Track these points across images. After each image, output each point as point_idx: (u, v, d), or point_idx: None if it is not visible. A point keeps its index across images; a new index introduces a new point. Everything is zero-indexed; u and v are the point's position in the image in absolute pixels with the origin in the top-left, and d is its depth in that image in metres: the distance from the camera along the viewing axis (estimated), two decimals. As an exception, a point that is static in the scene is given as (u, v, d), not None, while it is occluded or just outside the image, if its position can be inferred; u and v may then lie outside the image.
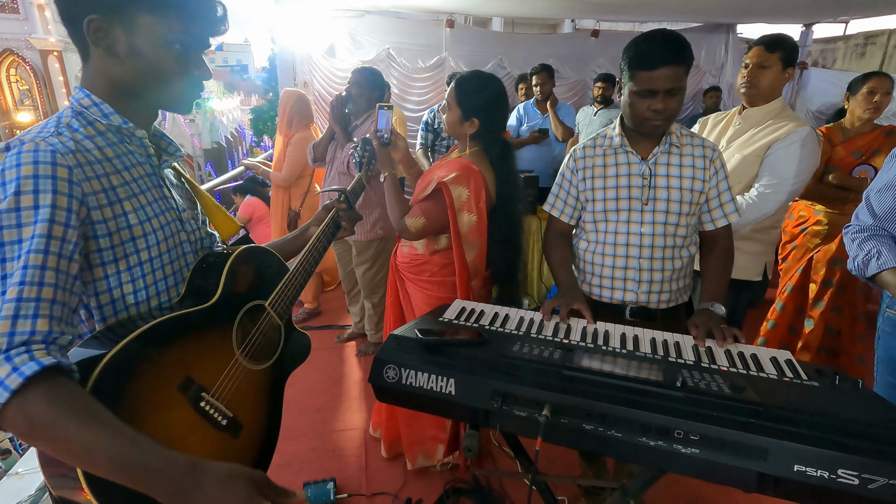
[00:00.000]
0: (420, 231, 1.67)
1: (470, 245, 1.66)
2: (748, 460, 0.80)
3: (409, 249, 1.84)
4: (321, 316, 3.53)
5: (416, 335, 1.04)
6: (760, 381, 0.96)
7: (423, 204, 1.66)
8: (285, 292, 1.03)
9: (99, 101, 0.80)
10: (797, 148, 1.74)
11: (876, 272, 1.23)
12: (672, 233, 1.35)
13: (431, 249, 1.78)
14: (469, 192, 1.58)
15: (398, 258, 1.91)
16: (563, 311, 1.25)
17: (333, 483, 1.90)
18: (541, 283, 3.51)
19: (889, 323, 1.38)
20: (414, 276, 1.84)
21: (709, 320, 1.18)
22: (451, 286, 1.77)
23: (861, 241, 1.30)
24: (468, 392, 0.95)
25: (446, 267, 1.77)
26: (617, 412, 0.87)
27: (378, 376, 1.02)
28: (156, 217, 0.85)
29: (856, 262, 1.29)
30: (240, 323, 0.93)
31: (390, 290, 1.96)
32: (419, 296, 1.85)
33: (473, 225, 1.62)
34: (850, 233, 1.37)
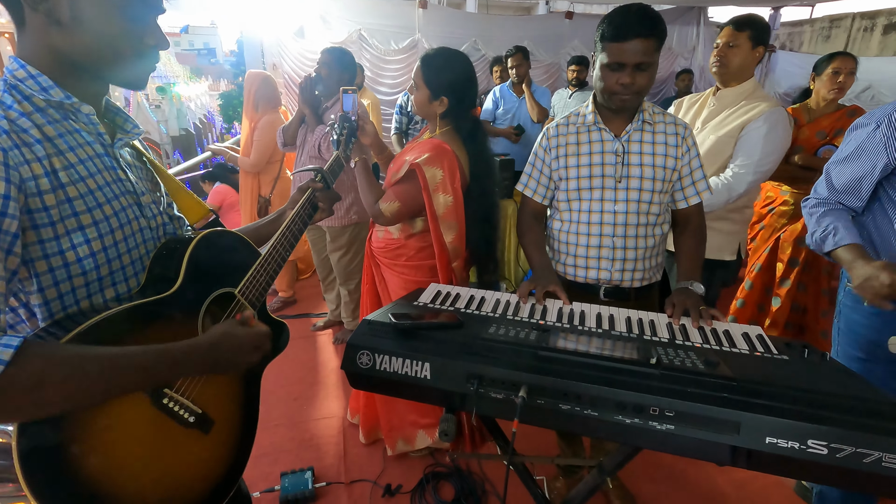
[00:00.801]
0: (395, 215, 1.63)
1: (447, 226, 1.63)
2: (721, 434, 0.81)
3: (385, 234, 1.81)
4: (296, 304, 3.46)
5: (389, 320, 1.02)
6: (733, 357, 0.97)
7: (396, 187, 1.62)
8: (257, 279, 0.97)
9: (36, 73, 0.72)
10: (769, 128, 1.78)
11: (832, 249, 1.25)
12: (645, 210, 1.35)
13: (407, 233, 1.75)
14: (443, 173, 1.55)
15: (373, 243, 1.87)
16: (538, 293, 1.24)
17: (311, 472, 1.87)
18: (517, 267, 3.52)
19: (850, 297, 1.41)
20: (390, 261, 1.81)
21: (687, 299, 1.18)
22: (428, 270, 1.74)
23: (819, 215, 1.32)
24: (443, 376, 0.94)
25: (423, 250, 1.75)
26: (593, 391, 0.86)
27: (351, 363, 0.99)
28: (108, 203, 0.77)
29: (814, 237, 1.31)
30: (207, 312, 0.87)
31: (366, 276, 1.93)
32: (396, 281, 1.82)
33: (450, 206, 1.59)
34: (808, 206, 1.39)
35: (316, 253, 2.89)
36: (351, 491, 1.84)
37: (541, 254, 1.42)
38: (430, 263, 1.73)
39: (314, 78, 2.40)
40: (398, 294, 1.80)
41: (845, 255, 1.22)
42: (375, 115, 3.83)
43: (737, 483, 1.87)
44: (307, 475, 1.85)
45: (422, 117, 1.68)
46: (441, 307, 1.18)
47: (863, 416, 0.78)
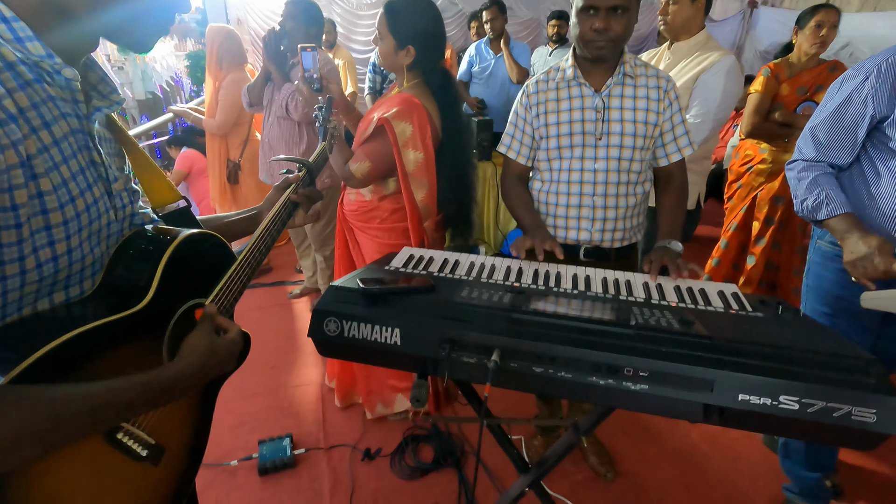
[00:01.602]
0: (366, 176, 1.56)
1: (418, 184, 1.57)
2: (695, 393, 0.80)
3: (357, 197, 1.74)
4: (272, 272, 3.39)
5: (357, 285, 0.97)
6: (708, 315, 0.96)
7: (366, 146, 1.55)
8: (231, 288, 0.84)
9: (11, 17, 0.55)
10: (722, 77, 1.82)
11: (825, 218, 1.24)
12: (626, 168, 1.31)
13: (380, 195, 1.69)
14: (413, 128, 1.48)
15: (345, 207, 1.81)
16: (539, 249, 1.20)
17: (290, 439, 1.86)
18: (497, 230, 3.49)
19: (819, 253, 1.42)
20: (363, 224, 1.75)
21: (664, 255, 1.16)
22: (403, 232, 1.69)
23: (809, 182, 1.30)
24: (415, 341, 0.90)
25: (397, 212, 1.69)
26: (566, 353, 0.84)
27: (318, 330, 0.95)
28: (81, 195, 0.62)
29: (804, 205, 1.29)
30: (174, 328, 0.74)
31: (339, 241, 1.87)
32: (370, 245, 1.77)
33: (420, 162, 1.53)
34: (794, 169, 1.37)
35: (289, 219, 2.80)
36: (330, 456, 1.84)
37: (531, 213, 1.38)
38: (405, 226, 1.68)
39: (279, 32, 2.25)
40: (373, 258, 1.75)
41: (839, 226, 1.20)
42: (351, 74, 3.67)
43: (708, 436, 1.93)
44: (285, 442, 1.84)
45: (388, 70, 1.59)
46: (413, 271, 1.14)
47: (833, 371, 0.78)
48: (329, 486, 1.71)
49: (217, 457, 1.82)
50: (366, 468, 1.79)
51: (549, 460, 1.19)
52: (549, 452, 1.20)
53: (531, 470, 1.23)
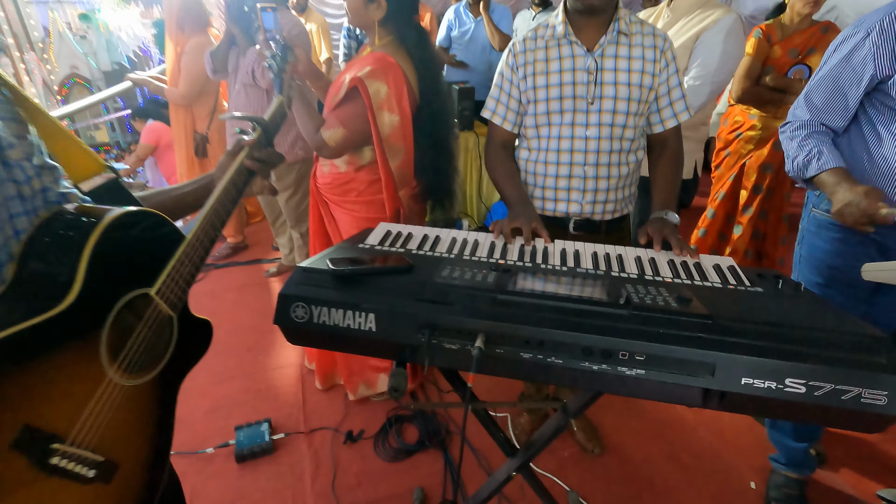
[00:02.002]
0: (341, 144, 1.45)
1: (394, 150, 1.47)
2: (695, 378, 0.74)
3: (330, 168, 1.63)
4: (247, 250, 3.27)
5: (327, 266, 0.88)
6: (706, 291, 0.90)
7: (338, 111, 1.43)
8: (180, 272, 0.75)
9: None
10: (723, 37, 1.72)
11: (816, 173, 1.18)
12: (619, 135, 1.22)
13: (356, 166, 1.58)
14: (388, 88, 1.37)
15: (318, 180, 1.70)
16: (526, 232, 1.11)
17: (268, 423, 1.80)
18: (480, 203, 3.40)
19: (814, 222, 1.37)
20: (338, 197, 1.65)
21: (663, 228, 1.09)
22: (381, 205, 1.60)
23: (801, 139, 1.24)
24: (391, 327, 0.82)
25: (374, 184, 1.59)
26: (556, 337, 0.77)
27: (285, 316, 0.86)
28: None
29: (795, 162, 1.23)
30: (113, 325, 0.65)
31: (313, 216, 1.76)
32: (347, 219, 1.67)
33: (396, 126, 1.42)
34: (787, 131, 1.30)
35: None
36: (311, 440, 1.78)
37: (517, 188, 1.28)
38: (384, 198, 1.58)
39: (242, -10, 2.08)
40: (350, 234, 1.65)
41: (829, 179, 1.15)
42: (325, 40, 3.47)
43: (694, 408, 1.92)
44: (264, 427, 1.77)
45: (359, 27, 1.46)
46: (390, 249, 1.05)
47: (841, 351, 0.73)
48: (310, 471, 1.66)
49: (192, 444, 1.75)
50: (348, 451, 1.74)
51: (536, 443, 1.14)
52: (537, 435, 1.15)
53: (518, 453, 1.18)
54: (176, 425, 0.76)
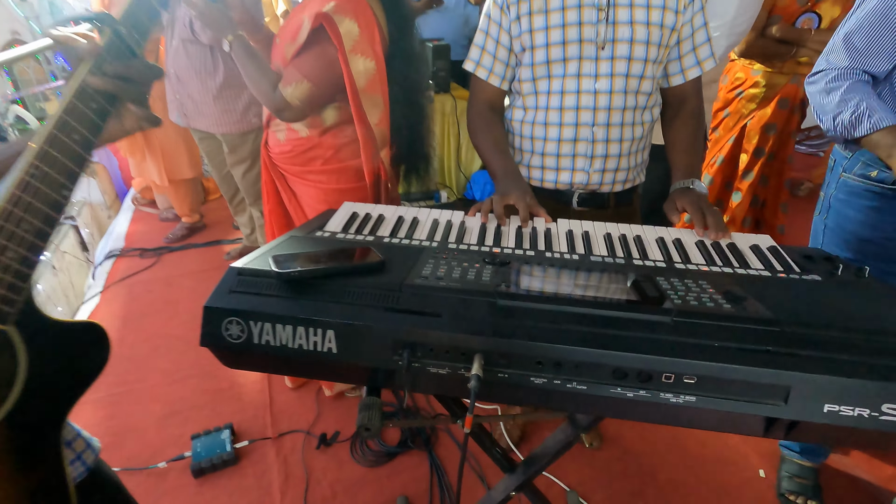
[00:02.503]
0: (307, 101, 1.22)
1: (372, 102, 1.25)
2: (763, 405, 0.56)
3: (288, 135, 1.38)
4: (205, 230, 2.98)
5: (269, 266, 0.66)
6: (753, 283, 0.72)
7: (299, 61, 1.18)
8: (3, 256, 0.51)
9: None
10: None
11: (868, 133, 1.01)
12: (634, 88, 1.01)
13: (319, 129, 1.34)
14: (359, 28, 1.13)
15: (272, 150, 1.44)
16: (522, 210, 0.91)
17: (230, 430, 1.59)
18: (459, 173, 3.17)
19: (845, 189, 1.20)
20: (300, 168, 1.41)
21: (699, 201, 0.91)
22: (354, 172, 1.38)
23: (843, 92, 1.06)
24: (358, 347, 0.62)
25: (344, 148, 1.36)
26: (578, 356, 0.58)
27: (214, 336, 0.64)
28: None
29: (838, 120, 1.05)
30: None
31: (268, 194, 1.52)
32: (311, 193, 1.43)
33: (372, 74, 1.20)
34: (820, 81, 1.11)
35: (215, 168, 2.37)
36: (279, 446, 1.59)
37: (505, 157, 1.06)
38: (356, 164, 1.36)
39: (171, -77, 1.74)
40: (318, 210, 1.42)
41: (885, 140, 0.98)
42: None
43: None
44: (224, 434, 1.57)
45: None
46: (356, 238, 0.83)
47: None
48: (279, 483, 1.47)
49: (142, 458, 1.54)
50: (322, 457, 1.56)
51: (540, 460, 0.97)
52: (541, 450, 0.98)
53: (518, 469, 1.01)
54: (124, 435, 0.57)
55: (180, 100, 2.03)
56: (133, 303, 2.30)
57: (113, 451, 1.56)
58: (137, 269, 2.55)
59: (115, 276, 2.52)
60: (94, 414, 1.71)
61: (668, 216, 0.96)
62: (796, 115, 2.05)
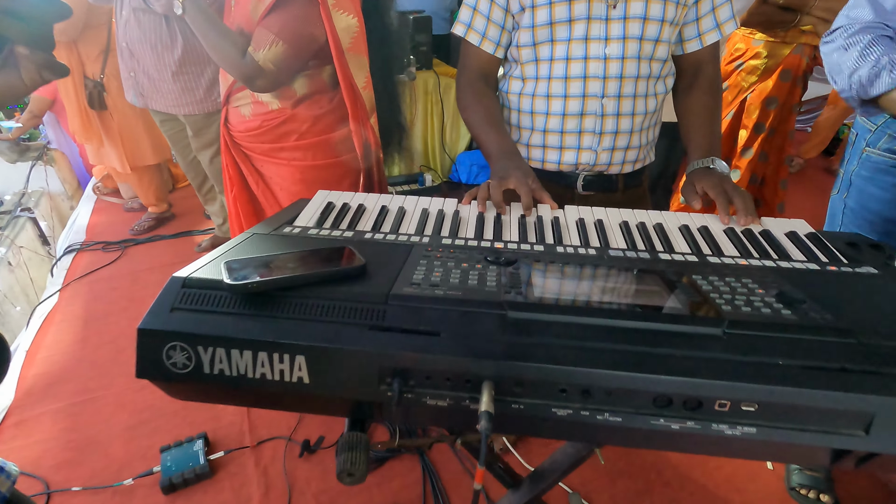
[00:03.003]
0: (283, 65, 1.10)
1: (358, 64, 1.17)
2: (838, 436, 0.46)
3: (255, 108, 1.24)
4: (174, 221, 2.79)
5: (222, 275, 0.53)
6: (801, 279, 0.61)
7: (270, 20, 1.06)
8: None
9: None
10: None
11: (888, 89, 0.90)
12: (649, 54, 0.88)
13: (292, 99, 1.22)
14: None
15: (234, 128, 1.30)
16: (525, 196, 0.78)
17: (203, 440, 1.46)
18: (444, 154, 3.02)
19: (868, 166, 1.11)
20: (271, 145, 1.27)
21: (723, 182, 0.80)
22: (331, 146, 1.26)
23: (863, 47, 0.95)
24: (335, 375, 0.50)
25: (322, 119, 1.24)
26: (610, 381, 0.47)
27: (152, 365, 0.51)
28: None
29: (855, 77, 0.95)
30: None
31: (230, 180, 1.37)
32: (285, 174, 1.30)
33: (356, 32, 1.12)
34: (838, 38, 1.00)
35: (179, 154, 2.19)
36: (259, 455, 1.47)
37: (500, 134, 0.93)
38: (338, 135, 1.25)
39: None
40: (296, 193, 1.29)
41: None
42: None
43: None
44: (197, 445, 1.44)
45: None
46: (331, 233, 0.70)
47: None
48: (259, 496, 1.36)
49: (106, 475, 1.40)
50: (305, 465, 1.44)
51: (549, 476, 0.87)
52: (550, 465, 0.87)
53: (524, 486, 0.91)
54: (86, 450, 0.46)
55: (135, 77, 1.84)
56: (95, 301, 2.13)
57: (73, 469, 1.42)
58: (100, 264, 2.36)
59: (75, 272, 2.33)
60: (53, 426, 1.56)
61: (687, 201, 0.85)
62: (798, 87, 1.95)
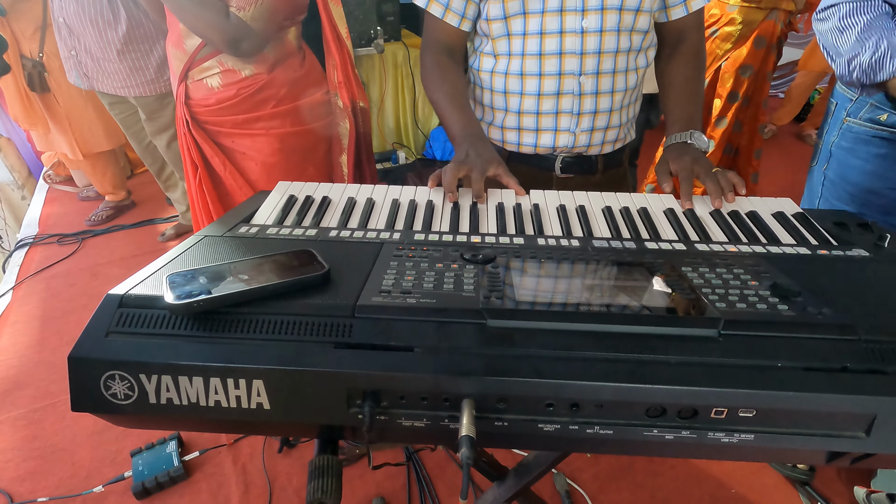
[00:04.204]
0: (269, 22, 1.07)
1: (338, 14, 1.17)
2: (839, 438, 0.43)
3: (226, 78, 1.17)
4: (134, 209, 2.65)
5: (164, 293, 0.47)
6: (792, 266, 0.58)
7: None
8: None
9: None
10: None
11: (891, 76, 0.88)
12: (630, 25, 0.82)
13: (268, 63, 1.16)
14: None
15: (197, 104, 1.21)
16: (477, 183, 0.74)
17: (176, 441, 1.41)
18: (417, 130, 2.92)
19: (849, 137, 1.09)
20: (246, 116, 1.20)
21: (694, 163, 0.77)
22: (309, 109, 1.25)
23: (861, 30, 0.92)
24: (299, 399, 0.45)
25: (297, 83, 1.22)
26: (600, 393, 0.43)
27: (88, 397, 0.46)
28: None
29: (856, 63, 0.92)
30: None
31: (193, 166, 1.27)
32: (261, 145, 1.23)
33: None
34: (832, 18, 0.97)
35: (133, 139, 2.05)
36: (236, 453, 1.42)
37: (463, 113, 0.87)
38: (314, 99, 1.24)
39: None
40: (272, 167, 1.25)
41: None
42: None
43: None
44: (170, 447, 1.39)
45: None
46: (292, 233, 0.64)
47: None
48: (238, 495, 1.32)
49: (74, 483, 1.34)
50: (285, 461, 1.40)
51: (534, 469, 0.84)
52: (535, 458, 0.85)
53: (508, 479, 0.89)
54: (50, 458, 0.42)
55: (77, 57, 1.69)
56: (52, 299, 2.01)
57: (38, 478, 1.35)
58: (56, 259, 2.23)
59: (28, 269, 2.19)
60: (13, 435, 1.48)
61: (659, 182, 0.81)
62: (773, 54, 1.92)
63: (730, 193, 0.73)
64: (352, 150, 1.35)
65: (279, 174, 1.25)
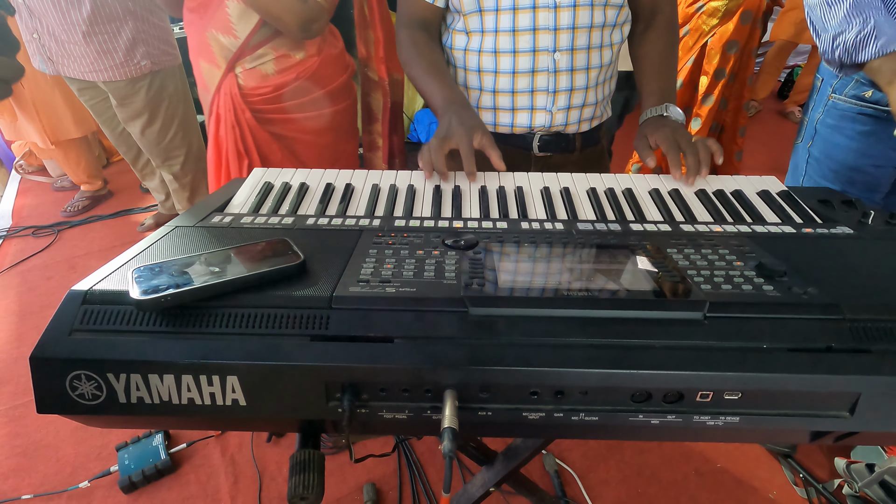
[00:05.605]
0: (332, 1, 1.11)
1: None
2: (822, 419, 0.43)
3: (279, 64, 1.15)
4: (111, 199, 2.57)
5: (129, 287, 0.44)
6: (777, 245, 0.58)
7: None
8: None
9: None
10: None
11: (873, 58, 0.87)
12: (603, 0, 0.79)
13: (316, 45, 1.18)
14: None
15: (252, 92, 1.18)
16: (466, 163, 0.72)
17: (163, 434, 1.39)
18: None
19: (834, 113, 1.09)
20: (301, 101, 1.20)
21: (674, 134, 0.76)
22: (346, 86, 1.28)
23: (848, 7, 0.90)
24: (275, 394, 0.43)
25: (338, 60, 1.25)
26: (585, 379, 0.42)
27: (53, 398, 0.44)
28: None
29: (840, 41, 0.90)
30: None
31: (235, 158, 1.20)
32: (315, 126, 1.24)
33: None
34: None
35: (105, 126, 1.98)
36: (224, 444, 1.41)
37: (444, 82, 0.83)
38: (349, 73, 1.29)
39: None
40: (326, 146, 1.28)
41: (887, 66, 0.85)
42: None
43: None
44: (156, 440, 1.37)
45: None
46: (267, 221, 0.61)
47: None
48: (228, 486, 1.31)
49: (59, 480, 1.32)
50: (275, 451, 1.40)
51: (523, 452, 0.84)
52: (523, 441, 0.85)
53: (497, 464, 0.89)
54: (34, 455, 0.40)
55: (40, 40, 1.61)
56: (29, 293, 1.96)
57: (22, 476, 1.33)
58: (31, 252, 2.17)
59: (3, 262, 2.13)
60: (-6, 433, 1.45)
61: (640, 156, 0.80)
62: (758, 29, 1.91)
63: (704, 169, 0.72)
64: (386, 120, 1.41)
65: (331, 154, 1.28)
